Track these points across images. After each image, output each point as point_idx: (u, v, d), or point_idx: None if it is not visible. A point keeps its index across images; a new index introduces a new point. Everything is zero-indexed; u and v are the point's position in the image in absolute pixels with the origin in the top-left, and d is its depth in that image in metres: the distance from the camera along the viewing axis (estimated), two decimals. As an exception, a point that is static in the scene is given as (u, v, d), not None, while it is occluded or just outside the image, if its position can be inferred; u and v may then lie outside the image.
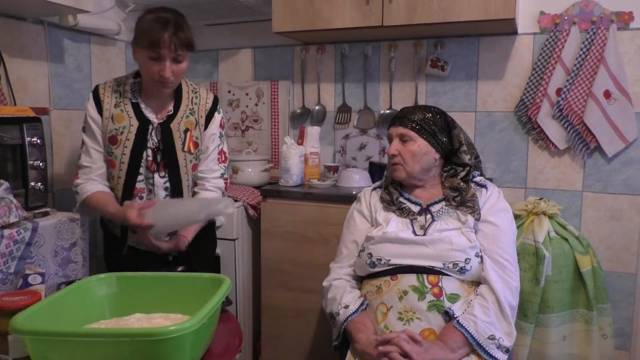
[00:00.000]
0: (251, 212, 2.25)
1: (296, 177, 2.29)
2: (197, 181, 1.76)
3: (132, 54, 1.60)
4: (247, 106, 2.73)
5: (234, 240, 2.21)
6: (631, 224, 2.18)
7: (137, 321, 1.20)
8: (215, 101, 1.79)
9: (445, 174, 1.61)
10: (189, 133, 1.69)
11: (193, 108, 1.72)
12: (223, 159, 1.79)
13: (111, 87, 1.68)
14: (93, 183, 1.66)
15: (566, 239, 1.99)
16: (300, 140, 2.47)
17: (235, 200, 2.21)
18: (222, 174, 1.79)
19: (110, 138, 1.64)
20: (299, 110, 2.64)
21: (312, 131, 2.41)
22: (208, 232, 1.84)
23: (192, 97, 1.74)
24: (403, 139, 1.56)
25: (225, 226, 2.17)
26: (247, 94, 2.72)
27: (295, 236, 2.17)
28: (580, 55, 2.15)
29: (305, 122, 2.64)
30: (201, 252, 1.77)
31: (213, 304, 1.02)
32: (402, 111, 1.61)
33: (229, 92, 2.75)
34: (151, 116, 1.66)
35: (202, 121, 1.73)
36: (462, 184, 1.56)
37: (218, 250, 2.11)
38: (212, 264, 2.10)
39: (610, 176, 2.20)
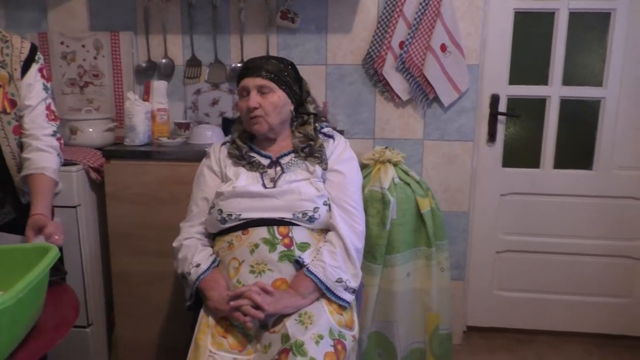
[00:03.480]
0: (93, 175, 2.08)
1: (143, 135, 2.15)
2: (24, 143, 1.51)
3: None
4: (84, 60, 2.47)
5: (75, 207, 2.03)
6: (464, 168, 2.41)
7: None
8: (33, 49, 1.54)
9: (295, 123, 1.62)
10: (1, 90, 1.46)
11: (4, 60, 1.48)
12: (53, 117, 1.56)
13: None
14: None
15: (409, 184, 2.13)
16: (146, 96, 2.30)
17: (74, 164, 2.02)
18: (55, 132, 1.55)
19: None
20: (144, 64, 2.46)
21: (159, 86, 2.26)
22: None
23: (2, 48, 1.49)
24: (262, 91, 1.53)
25: (63, 192, 1.99)
26: (83, 46, 2.46)
27: (145, 198, 2.05)
28: (419, 10, 2.26)
29: (152, 77, 2.47)
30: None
31: (32, 276, 0.92)
32: (253, 62, 1.56)
33: (62, 43, 2.46)
34: None
35: (18, 74, 1.49)
36: (313, 132, 1.59)
37: (57, 219, 1.92)
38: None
39: (447, 124, 2.38)
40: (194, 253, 1.50)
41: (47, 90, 1.57)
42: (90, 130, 2.22)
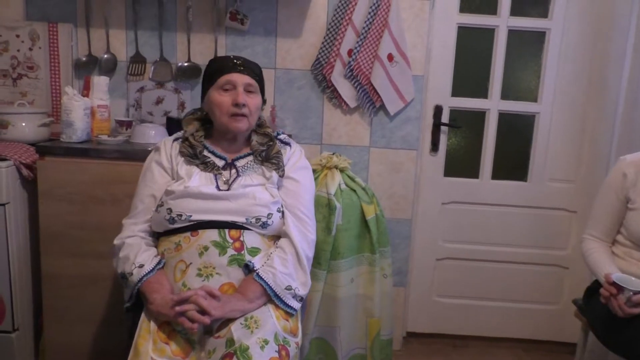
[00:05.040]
0: (25, 172, 1.95)
1: (81, 132, 2.04)
2: None
3: None
4: (18, 50, 2.33)
5: (4, 205, 1.90)
6: (408, 176, 2.46)
7: None
8: None
9: (255, 125, 1.60)
10: None
11: None
12: None
13: None
14: None
15: (354, 190, 2.15)
16: (86, 91, 2.21)
17: (4, 159, 1.90)
18: None
19: None
20: (84, 58, 2.35)
21: (100, 81, 2.16)
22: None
23: None
24: (249, 90, 1.51)
25: (-9, 189, 1.86)
26: (18, 36, 2.32)
27: (82, 197, 1.95)
28: (368, 19, 2.30)
29: (92, 71, 2.37)
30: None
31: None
32: (239, 59, 1.54)
33: (-6, 32, 2.32)
34: None
35: None
36: (272, 133, 1.59)
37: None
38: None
39: (393, 133, 2.43)
40: (137, 252, 1.43)
41: None
42: (23, 124, 2.09)
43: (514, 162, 2.59)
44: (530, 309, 2.66)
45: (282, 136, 1.65)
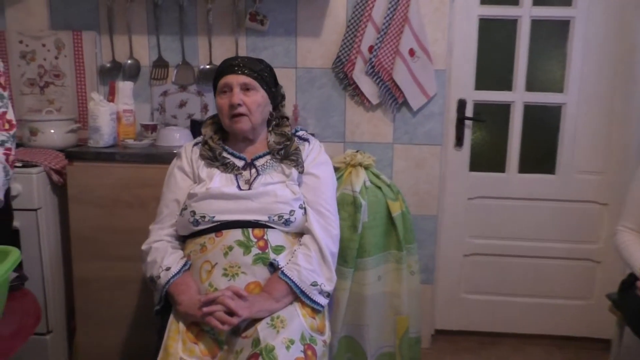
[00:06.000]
0: (55, 177, 2.00)
1: (107, 137, 2.08)
2: None
3: None
4: (45, 59, 2.39)
5: (35, 210, 1.95)
6: (433, 172, 2.43)
7: None
8: None
9: (272, 124, 1.61)
10: None
11: None
12: (6, 126, 1.45)
13: None
14: None
15: (379, 187, 2.14)
16: (111, 97, 2.24)
17: (35, 166, 1.94)
18: (3, 142, 1.45)
19: None
20: (108, 65, 2.39)
21: (125, 87, 2.20)
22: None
23: None
24: (246, 88, 1.51)
25: (23, 195, 1.91)
26: (44, 45, 2.38)
27: (110, 201, 1.99)
28: (388, 15, 2.28)
29: (116, 77, 2.40)
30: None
31: (-7, 279, 0.87)
32: (234, 59, 1.55)
33: (21, 42, 2.37)
34: None
35: None
36: (289, 132, 1.58)
37: (16, 223, 1.84)
38: (10, 240, 1.82)
39: (416, 128, 2.41)
40: (164, 256, 1.45)
41: (3, 99, 1.46)
42: (52, 131, 2.14)
43: (540, 154, 2.54)
44: (561, 304, 2.60)
45: (300, 132, 1.65)
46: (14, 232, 1.88)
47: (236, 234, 1.41)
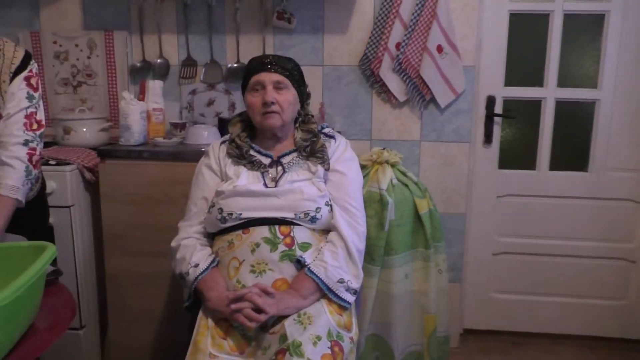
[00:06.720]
0: (88, 175, 2.05)
1: (138, 135, 2.12)
2: None
3: None
4: (77, 59, 2.44)
5: (69, 207, 2.00)
6: (461, 169, 2.40)
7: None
8: (26, 59, 1.48)
9: (299, 121, 1.62)
10: None
11: None
12: (35, 126, 1.47)
13: None
14: None
15: (407, 185, 2.12)
16: (142, 95, 2.28)
17: (68, 164, 1.99)
18: (27, 142, 1.45)
19: None
20: (138, 64, 2.43)
21: (154, 85, 2.23)
22: (37, 200, 1.62)
23: None
24: (278, 87, 1.51)
25: (57, 192, 1.96)
26: (76, 46, 2.43)
27: (140, 198, 2.02)
28: (416, 11, 2.26)
29: (146, 76, 2.44)
30: (30, 223, 1.53)
31: (30, 274, 0.89)
32: (267, 57, 1.55)
33: (55, 42, 2.43)
34: None
35: (6, 86, 1.43)
36: (316, 129, 1.59)
37: (51, 220, 1.89)
38: (46, 236, 1.87)
39: (443, 126, 2.38)
40: (193, 253, 1.47)
41: (32, 100, 1.48)
42: (84, 130, 2.19)
43: (573, 151, 2.48)
44: (594, 304, 2.54)
45: (326, 129, 1.64)
46: (49, 228, 1.93)
47: (263, 231, 1.42)
